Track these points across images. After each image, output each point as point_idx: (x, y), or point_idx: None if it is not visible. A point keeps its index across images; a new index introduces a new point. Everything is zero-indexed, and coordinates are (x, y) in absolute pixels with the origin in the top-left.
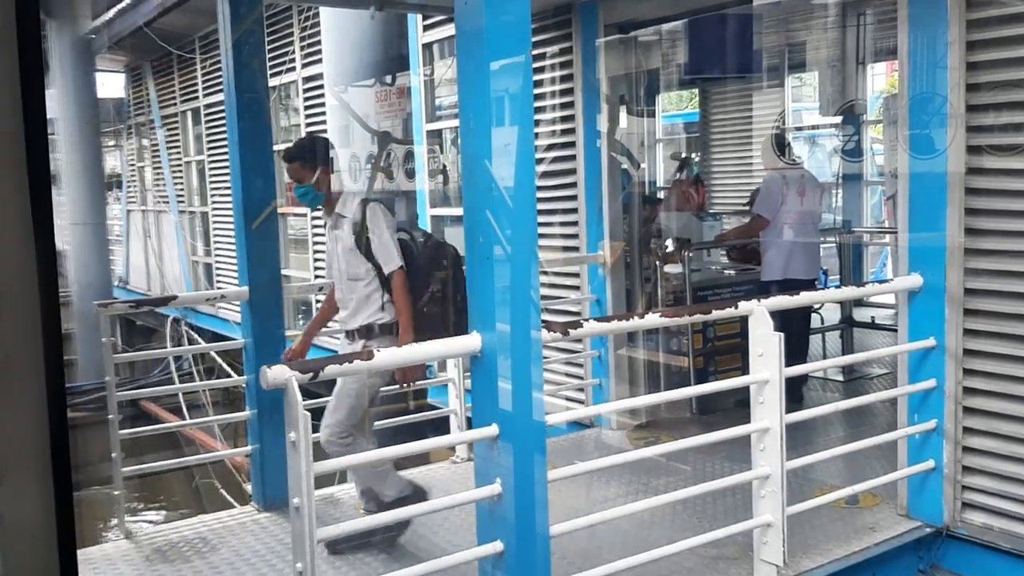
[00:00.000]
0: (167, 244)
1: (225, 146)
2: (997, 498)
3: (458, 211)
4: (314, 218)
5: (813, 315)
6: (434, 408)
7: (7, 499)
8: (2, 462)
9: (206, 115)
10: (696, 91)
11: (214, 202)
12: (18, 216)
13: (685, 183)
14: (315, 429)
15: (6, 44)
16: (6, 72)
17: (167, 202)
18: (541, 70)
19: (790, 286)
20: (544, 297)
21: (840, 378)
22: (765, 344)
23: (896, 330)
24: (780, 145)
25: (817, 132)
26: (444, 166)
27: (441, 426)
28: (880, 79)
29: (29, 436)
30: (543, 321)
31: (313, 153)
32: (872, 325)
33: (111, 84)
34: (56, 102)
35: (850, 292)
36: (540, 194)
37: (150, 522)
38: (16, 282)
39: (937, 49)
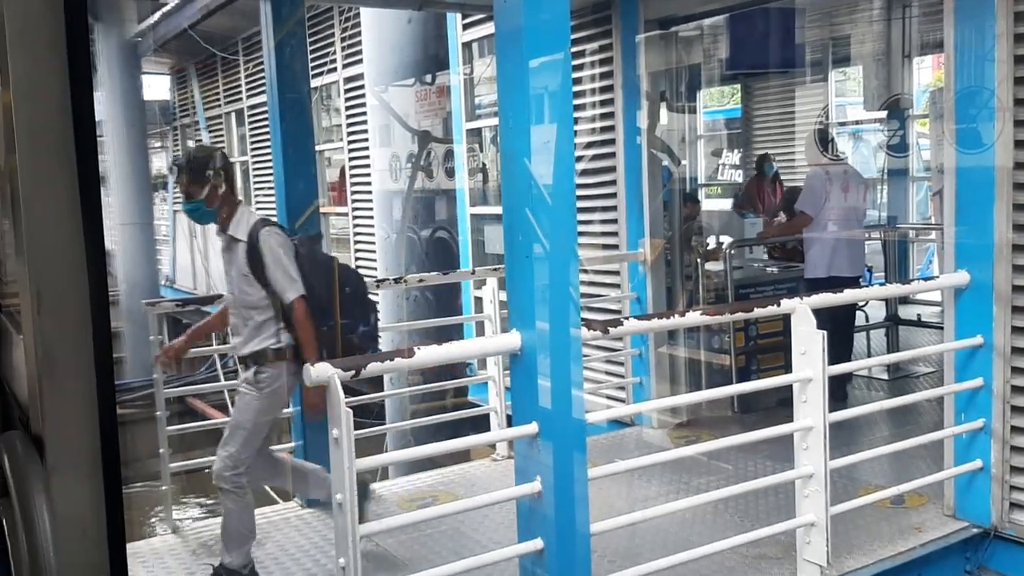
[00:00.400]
0: (213, 243)
1: (268, 147)
2: None
3: (497, 210)
4: (355, 217)
5: (858, 313)
6: (474, 406)
7: (59, 493)
8: (54, 457)
9: (249, 116)
10: (738, 87)
11: (257, 202)
12: (67, 217)
13: (764, 181)
14: (357, 427)
15: (56, 48)
16: (57, 75)
17: None
18: (581, 67)
19: (834, 284)
20: (584, 295)
21: (885, 377)
22: (808, 342)
23: (942, 328)
24: (823, 141)
25: (862, 127)
26: (484, 164)
27: (481, 424)
28: (927, 73)
29: (79, 432)
30: (583, 319)
31: (203, 166)
32: (918, 323)
33: (157, 86)
34: (103, 104)
35: (895, 289)
36: (580, 192)
37: (196, 517)
38: (61, 282)
39: (985, 42)
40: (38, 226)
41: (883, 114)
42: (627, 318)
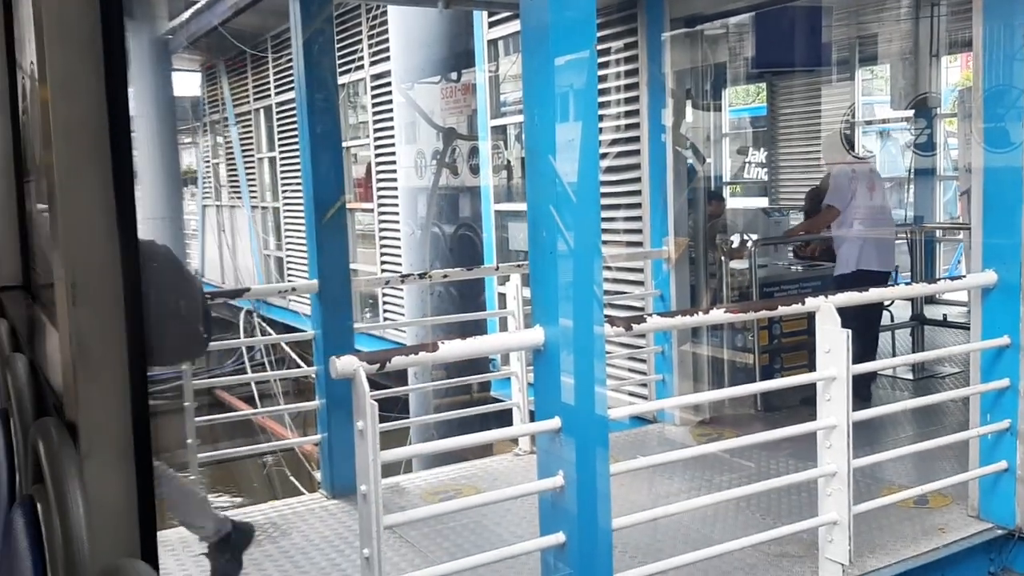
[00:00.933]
0: (240, 238)
1: (296, 143)
2: None
3: (522, 206)
4: (380, 213)
5: (884, 312)
6: (497, 401)
7: (92, 479)
8: (87, 444)
9: (278, 113)
10: (763, 85)
11: (285, 198)
12: (102, 210)
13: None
14: (382, 420)
15: (92, 43)
16: (92, 70)
17: (240, 198)
18: (606, 65)
19: (864, 277)
20: (607, 292)
21: (910, 376)
22: (833, 340)
23: (968, 328)
24: (848, 140)
25: (888, 126)
26: (508, 162)
27: (504, 420)
28: (955, 72)
29: (112, 419)
30: (606, 316)
31: None
32: (944, 323)
33: (187, 83)
34: (134, 100)
35: (921, 289)
36: (604, 189)
37: (223, 507)
38: (96, 273)
39: (1014, 41)
40: (73, 218)
41: (909, 113)
42: (650, 315)
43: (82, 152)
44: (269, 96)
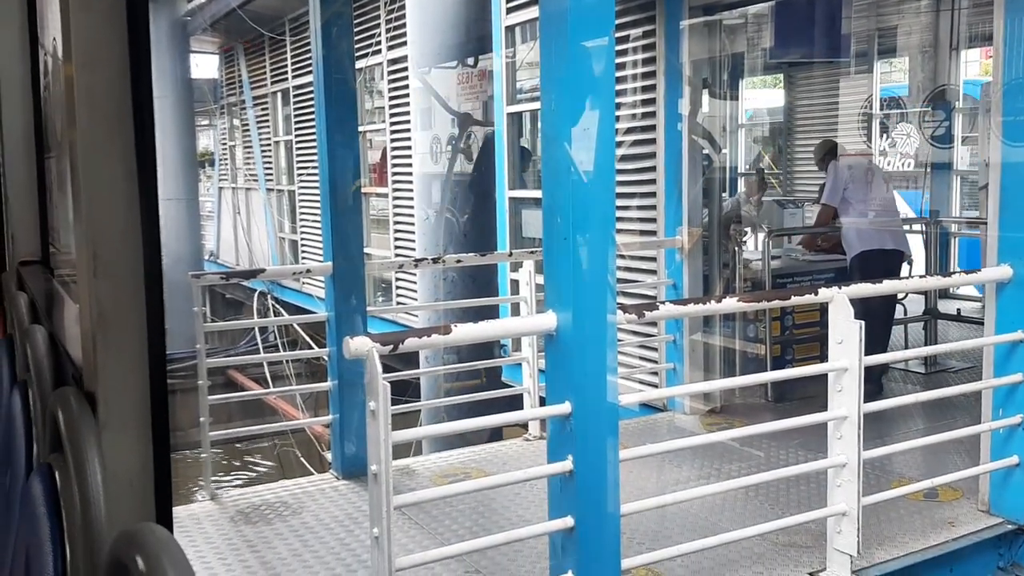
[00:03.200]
0: (256, 221)
1: (312, 126)
2: None
3: (536, 193)
4: (395, 198)
5: (897, 306)
6: (508, 387)
7: (109, 448)
8: (105, 413)
9: (295, 96)
10: (781, 76)
11: (301, 181)
12: (123, 182)
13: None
14: (394, 403)
15: (116, 18)
16: (116, 45)
17: (256, 180)
18: (624, 52)
19: (878, 257)
20: (620, 280)
21: (922, 371)
22: (845, 331)
23: (982, 323)
24: (833, 150)
25: (906, 114)
26: (524, 148)
27: (515, 405)
28: (974, 66)
29: (130, 390)
30: (618, 304)
31: None
32: (957, 317)
33: (205, 65)
34: (154, 83)
35: (935, 282)
36: (619, 177)
37: (235, 486)
38: (118, 244)
39: None
40: (96, 189)
41: (927, 108)
42: (662, 302)
43: (105, 123)
44: (286, 79)
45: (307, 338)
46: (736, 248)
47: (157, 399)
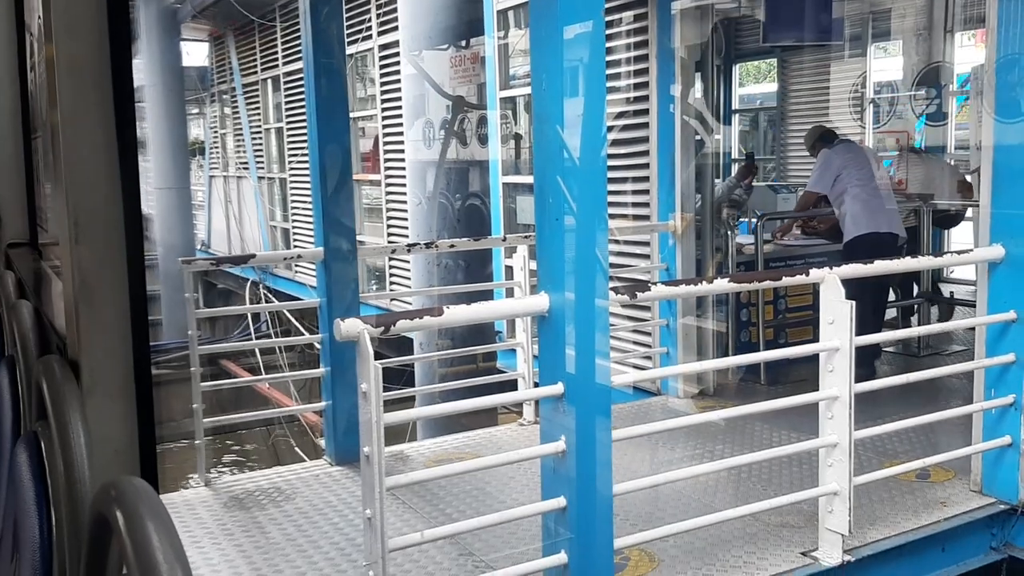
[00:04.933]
0: (247, 209)
1: (303, 113)
2: None
3: (530, 179)
4: (388, 186)
5: (890, 289)
6: (502, 372)
7: (93, 411)
8: (89, 381)
9: (285, 83)
10: (774, 61)
11: (292, 169)
12: (104, 150)
13: None
14: (387, 390)
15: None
16: (95, 10)
17: (247, 168)
18: (616, 36)
19: (874, 240)
20: (613, 265)
21: (915, 353)
22: (836, 312)
23: (975, 305)
24: (824, 136)
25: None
26: (517, 134)
27: (509, 390)
28: (970, 51)
29: (113, 357)
30: (611, 287)
31: None
32: (951, 300)
33: (195, 52)
34: (144, 71)
35: (927, 262)
36: (612, 162)
37: (229, 472)
38: (99, 211)
39: None
40: (76, 158)
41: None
42: (655, 283)
43: (85, 89)
44: (277, 66)
45: (300, 326)
46: (728, 232)
47: (140, 365)
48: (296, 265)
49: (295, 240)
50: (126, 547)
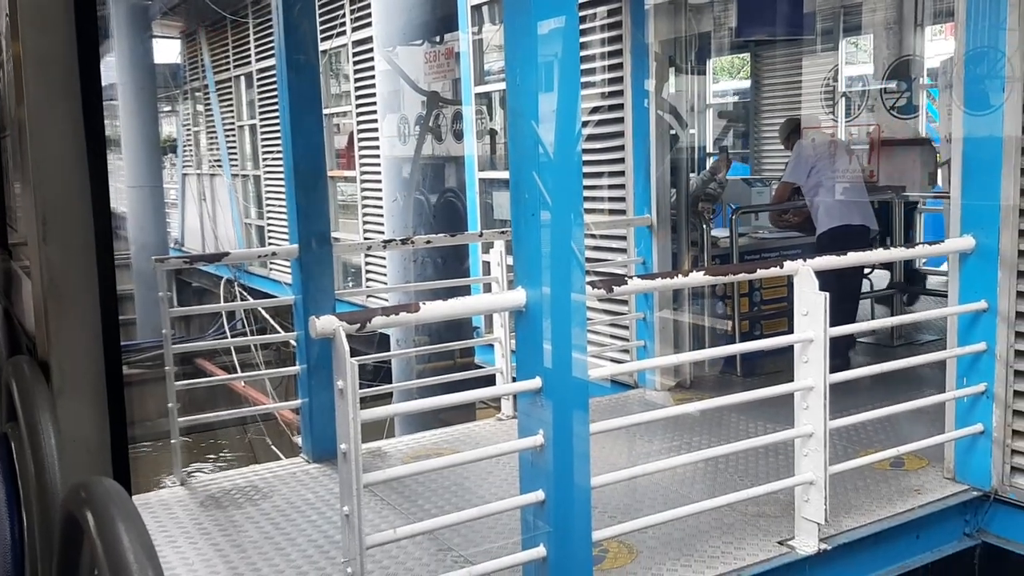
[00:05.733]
0: (221, 207)
1: (277, 110)
2: None
3: (506, 175)
4: (363, 182)
5: (864, 280)
6: (480, 367)
7: (64, 412)
8: (59, 381)
9: (259, 80)
10: (747, 56)
11: (266, 166)
12: (72, 146)
13: None
14: (363, 386)
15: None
16: (62, 14)
17: (221, 166)
18: (591, 32)
19: (847, 232)
20: (590, 259)
21: (888, 343)
22: (810, 303)
23: (947, 296)
24: (798, 128)
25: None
26: (493, 129)
27: (487, 386)
28: (940, 44)
29: (83, 356)
30: (588, 281)
31: None
32: (923, 291)
33: (166, 50)
34: (115, 68)
35: (899, 253)
36: (588, 157)
37: (205, 471)
38: (66, 210)
39: (999, 11)
40: (43, 155)
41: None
42: (631, 277)
43: (53, 86)
44: (249, 63)
45: (275, 325)
46: (704, 226)
47: (111, 364)
48: (271, 263)
49: (270, 237)
50: (96, 548)
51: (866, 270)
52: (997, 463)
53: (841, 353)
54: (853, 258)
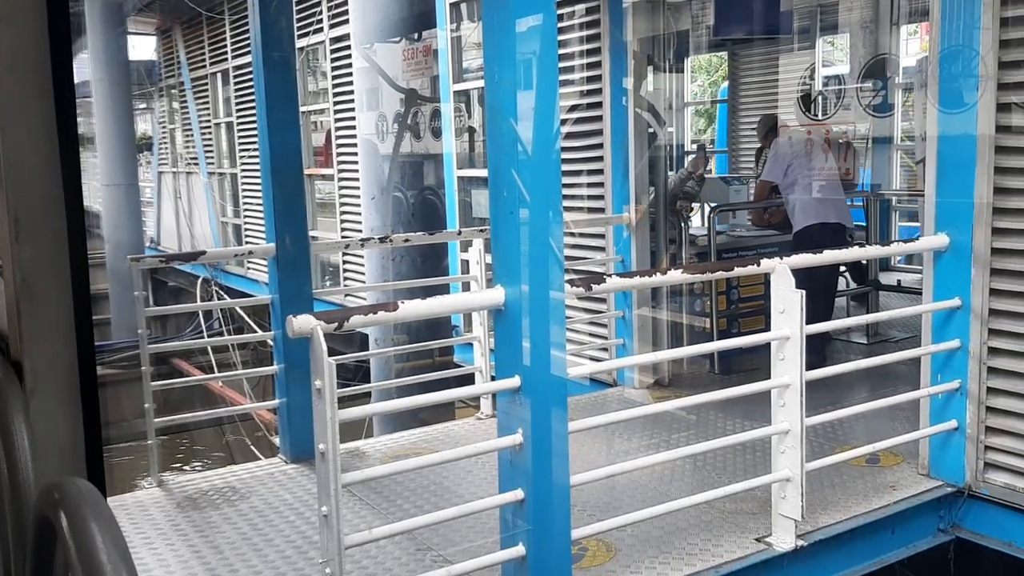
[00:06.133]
0: (197, 205)
1: (253, 108)
2: (1020, 458)
3: (486, 172)
4: (341, 180)
5: (839, 278)
6: (459, 367)
7: (38, 412)
8: (32, 381)
9: (235, 77)
10: (725, 55)
11: (243, 163)
12: (44, 143)
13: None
14: (342, 386)
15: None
16: (34, 7)
17: (197, 164)
18: (569, 30)
19: (822, 231)
20: (569, 258)
21: (864, 341)
22: (787, 301)
23: (922, 293)
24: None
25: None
26: (471, 127)
27: (466, 384)
28: (914, 43)
29: (57, 356)
30: (567, 279)
31: None
32: (898, 288)
33: (142, 47)
34: (90, 65)
35: (874, 251)
36: (567, 155)
37: (182, 471)
38: (38, 208)
39: (973, 9)
40: (16, 150)
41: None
42: (610, 275)
43: (24, 82)
44: (226, 60)
45: (252, 324)
46: (682, 224)
47: (85, 364)
48: (248, 262)
49: (247, 236)
50: (69, 549)
51: (841, 268)
52: (971, 459)
53: (817, 350)
54: (829, 256)
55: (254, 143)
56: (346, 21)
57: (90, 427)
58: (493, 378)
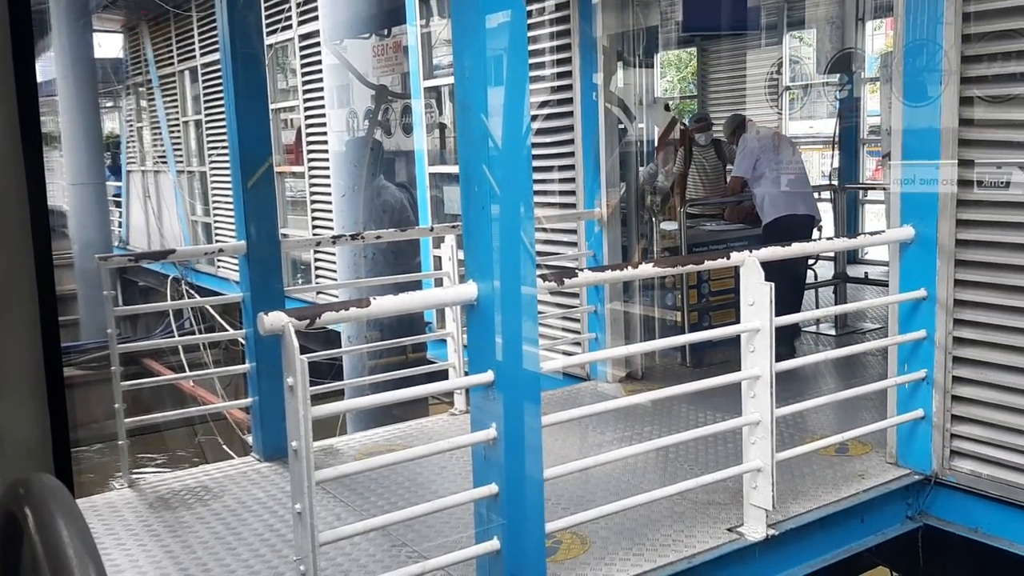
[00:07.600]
0: (166, 204)
1: (222, 105)
2: (986, 446)
3: (457, 169)
4: (311, 177)
5: (808, 271)
6: (432, 363)
7: (4, 415)
8: None
9: (203, 74)
10: (694, 52)
11: (212, 162)
12: (5, 137)
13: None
14: (314, 383)
15: None
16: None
17: (166, 162)
18: (539, 25)
19: (791, 222)
20: (541, 253)
21: (832, 332)
22: (756, 293)
23: (888, 285)
24: (743, 124)
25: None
26: (442, 123)
27: (440, 380)
28: (880, 39)
29: (22, 357)
30: (539, 274)
31: None
32: (865, 280)
33: (108, 44)
34: (55, 63)
35: (841, 243)
36: (538, 151)
37: (154, 472)
38: (3, 206)
39: (937, 5)
40: None
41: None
42: (582, 270)
43: None
44: (194, 57)
45: (224, 324)
46: (653, 219)
47: (51, 363)
48: (218, 260)
49: (217, 234)
50: (36, 544)
51: (810, 260)
52: (937, 447)
53: (787, 341)
54: (798, 248)
55: (223, 141)
56: (315, 17)
57: (57, 426)
58: (467, 374)
